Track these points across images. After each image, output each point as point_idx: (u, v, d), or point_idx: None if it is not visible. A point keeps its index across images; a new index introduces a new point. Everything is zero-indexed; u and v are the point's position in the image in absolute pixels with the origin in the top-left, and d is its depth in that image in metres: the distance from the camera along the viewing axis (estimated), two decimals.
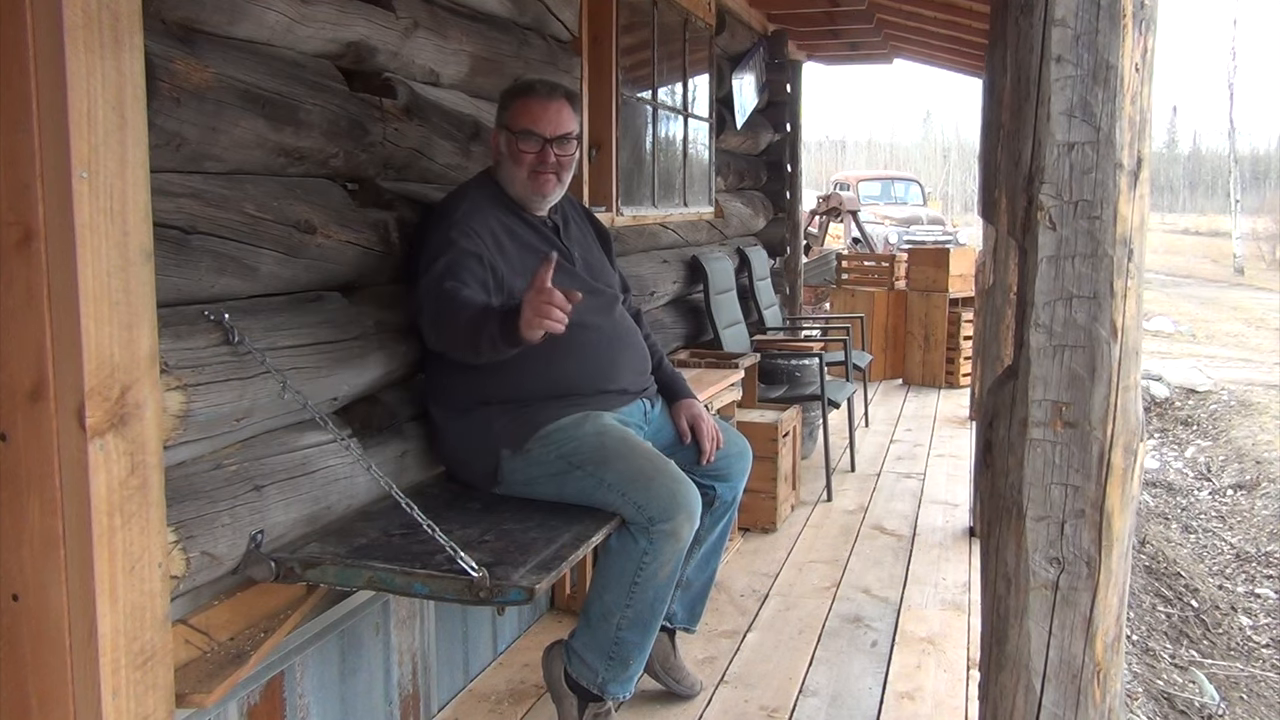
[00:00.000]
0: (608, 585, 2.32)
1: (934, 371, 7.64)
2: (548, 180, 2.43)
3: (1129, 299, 1.38)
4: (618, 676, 2.36)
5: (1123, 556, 1.43)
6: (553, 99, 2.43)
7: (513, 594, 1.85)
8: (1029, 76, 1.37)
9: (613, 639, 2.34)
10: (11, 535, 1.40)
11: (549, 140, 2.40)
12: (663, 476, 2.27)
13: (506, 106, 2.46)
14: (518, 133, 2.40)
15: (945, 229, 17.78)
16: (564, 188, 2.50)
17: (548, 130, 2.40)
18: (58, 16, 1.29)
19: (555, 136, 2.41)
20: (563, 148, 2.44)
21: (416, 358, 2.44)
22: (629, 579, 2.29)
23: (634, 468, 2.28)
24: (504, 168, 2.45)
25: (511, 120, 2.42)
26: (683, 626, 2.77)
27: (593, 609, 2.36)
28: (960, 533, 4.24)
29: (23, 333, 1.36)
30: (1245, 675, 4.94)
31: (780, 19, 6.50)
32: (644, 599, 2.30)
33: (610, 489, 2.27)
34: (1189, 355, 12.37)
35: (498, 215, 2.41)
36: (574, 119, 2.48)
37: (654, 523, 2.24)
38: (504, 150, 2.44)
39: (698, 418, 2.63)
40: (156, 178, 1.54)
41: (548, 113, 2.41)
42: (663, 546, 2.25)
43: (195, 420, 1.73)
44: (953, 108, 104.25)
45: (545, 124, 2.40)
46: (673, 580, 2.34)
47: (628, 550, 2.28)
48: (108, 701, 1.41)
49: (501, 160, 2.46)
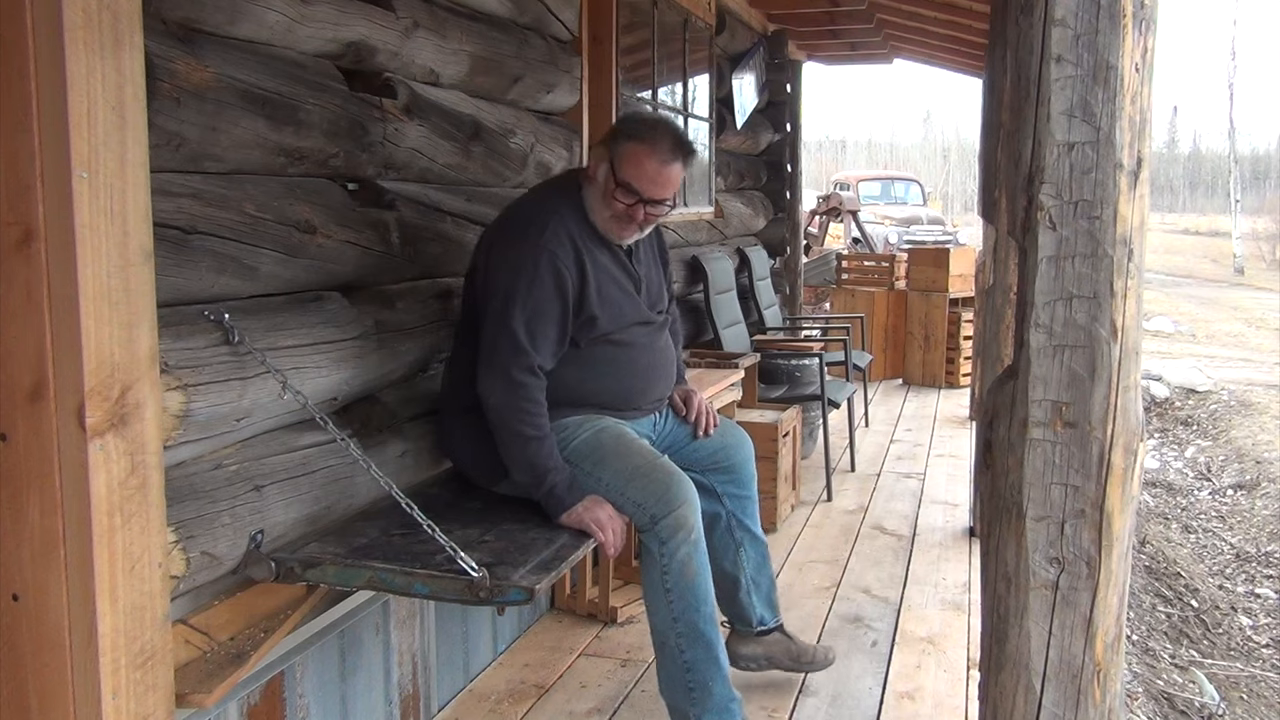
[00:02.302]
0: (652, 608, 2.34)
1: (934, 371, 7.63)
2: (630, 231, 2.39)
3: (1129, 299, 1.38)
4: (708, 705, 2.29)
5: (1123, 556, 1.43)
6: (670, 165, 2.32)
7: (513, 594, 1.85)
8: (1029, 76, 1.37)
9: (682, 666, 2.29)
10: (11, 535, 1.40)
11: (647, 201, 2.33)
12: (656, 471, 2.30)
13: (621, 143, 2.33)
14: (620, 181, 2.31)
15: (945, 229, 17.78)
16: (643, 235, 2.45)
17: (651, 193, 2.32)
18: (58, 16, 1.29)
19: (655, 200, 2.34)
20: (657, 208, 2.36)
21: (417, 357, 2.44)
22: (661, 590, 2.29)
23: (629, 465, 2.30)
24: (593, 196, 2.38)
25: (619, 163, 2.31)
26: (776, 623, 2.79)
27: (656, 646, 2.36)
28: (960, 533, 4.24)
29: (23, 333, 1.36)
30: (1245, 675, 4.94)
31: (780, 19, 6.50)
32: (685, 605, 2.27)
33: (609, 489, 2.28)
34: (1189, 355, 12.37)
35: (583, 238, 2.35)
36: (680, 178, 2.38)
37: (656, 520, 2.25)
38: (600, 181, 2.36)
39: (689, 393, 2.69)
40: (156, 178, 1.54)
41: (660, 177, 2.32)
42: (673, 540, 2.26)
43: (195, 420, 1.73)
44: (953, 108, 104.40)
45: (651, 187, 2.32)
46: (705, 579, 2.30)
47: (649, 563, 2.31)
48: (108, 701, 1.41)
49: (594, 187, 2.38)
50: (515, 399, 2.23)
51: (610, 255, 2.41)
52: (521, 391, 2.24)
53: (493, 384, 2.25)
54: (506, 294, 2.25)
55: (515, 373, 2.23)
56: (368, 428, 2.29)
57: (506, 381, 2.24)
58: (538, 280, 2.25)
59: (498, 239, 2.38)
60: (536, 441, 2.24)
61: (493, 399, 2.25)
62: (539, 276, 2.25)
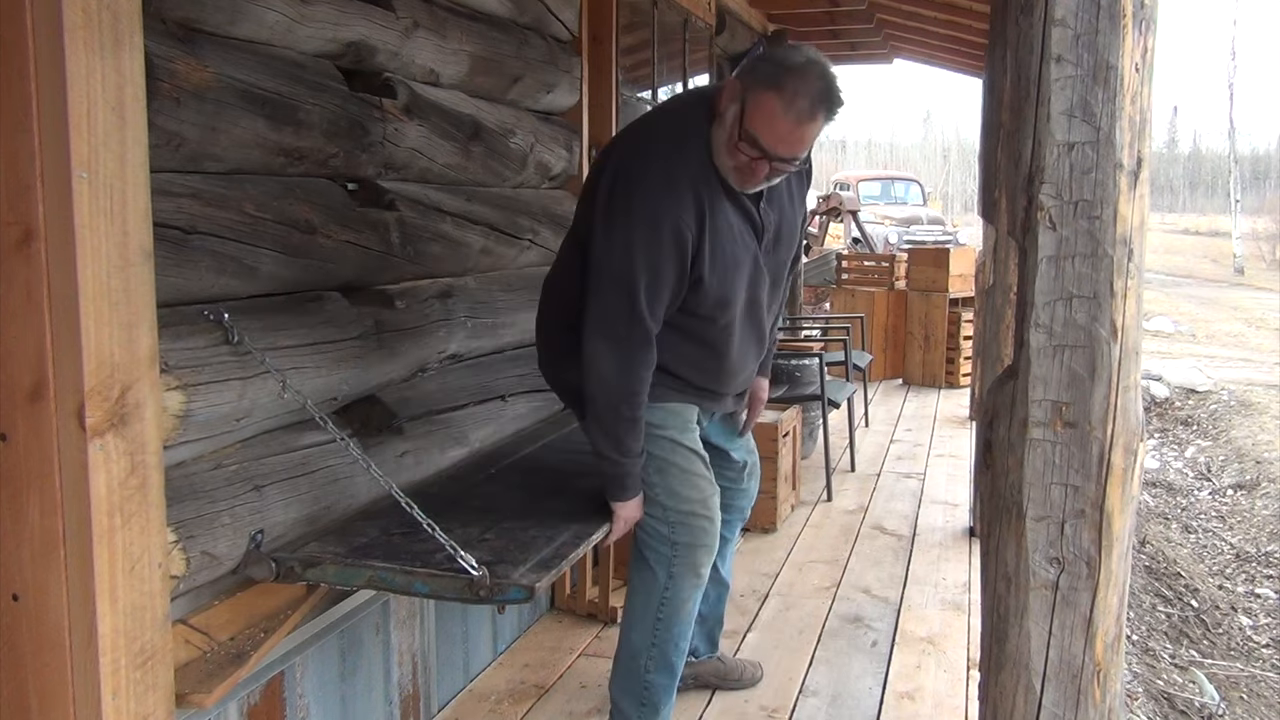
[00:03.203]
0: (634, 623, 2.36)
1: (934, 371, 7.63)
2: (752, 183, 2.08)
3: (1129, 299, 1.37)
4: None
5: (1123, 556, 1.43)
6: (806, 125, 1.98)
7: (513, 592, 1.85)
8: (1029, 76, 1.37)
9: (642, 682, 2.36)
10: (11, 535, 1.40)
11: (774, 159, 2.02)
12: (703, 510, 2.29)
13: (757, 88, 1.98)
14: (745, 132, 2.00)
15: (945, 229, 17.79)
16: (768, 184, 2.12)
17: (780, 151, 2.01)
18: (58, 16, 1.29)
19: (783, 157, 2.03)
20: (786, 164, 2.05)
21: (417, 357, 2.44)
22: (652, 612, 2.32)
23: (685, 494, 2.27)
24: (718, 137, 2.06)
25: (750, 109, 1.98)
26: (709, 656, 2.79)
27: (622, 650, 2.39)
28: (960, 533, 4.24)
29: (23, 333, 1.36)
30: (1245, 675, 4.94)
31: (780, 19, 6.50)
32: (667, 636, 2.32)
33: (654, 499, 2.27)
34: (1189, 355, 12.37)
35: (705, 184, 2.07)
36: (817, 135, 2.05)
37: (677, 554, 2.28)
38: (727, 124, 2.03)
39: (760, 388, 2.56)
40: (156, 178, 1.54)
41: (792, 137, 1.99)
42: (684, 579, 2.29)
43: (195, 420, 1.73)
44: (953, 108, 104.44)
45: (780, 145, 2.00)
46: (693, 616, 2.36)
47: (649, 586, 2.33)
48: (108, 702, 1.41)
49: (720, 127, 2.05)
50: (628, 379, 2.08)
51: (736, 206, 2.13)
52: (636, 372, 2.08)
53: (603, 350, 2.07)
54: (626, 247, 2.02)
55: (632, 348, 2.06)
56: (368, 428, 2.29)
57: (620, 356, 2.06)
58: (656, 242, 2.02)
59: (620, 173, 2.07)
60: (632, 424, 2.11)
61: (602, 367, 2.07)
62: (659, 238, 2.02)
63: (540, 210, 3.10)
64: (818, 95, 1.95)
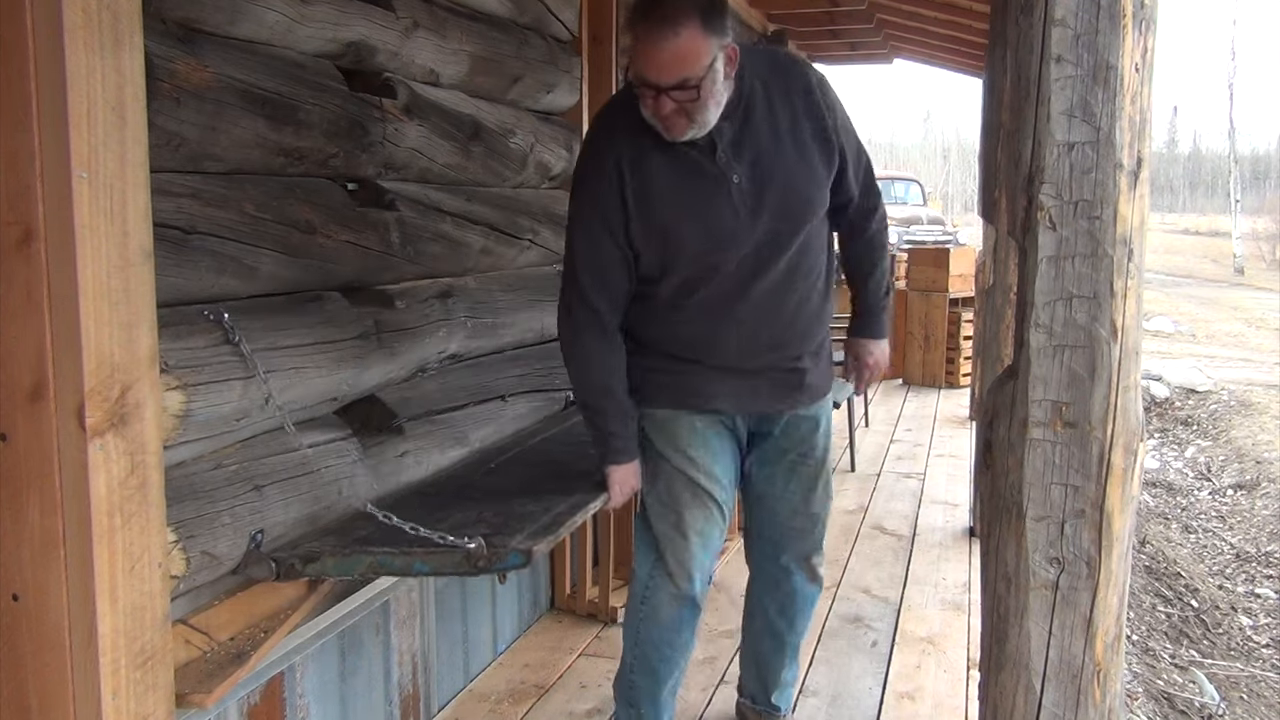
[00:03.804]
0: (626, 618, 2.38)
1: (934, 371, 7.64)
2: (675, 125, 1.97)
3: (1129, 299, 1.37)
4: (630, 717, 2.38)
5: (1123, 556, 1.43)
6: (660, 39, 1.86)
7: (511, 558, 1.85)
8: (1029, 76, 1.37)
9: (626, 680, 2.37)
10: (11, 535, 1.40)
11: (662, 89, 1.91)
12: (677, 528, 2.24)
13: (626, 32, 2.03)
14: (630, 75, 1.95)
15: (945, 229, 17.77)
16: (706, 121, 1.97)
17: (657, 78, 1.90)
18: (58, 16, 1.29)
19: (669, 86, 1.90)
20: (682, 94, 1.91)
21: (417, 357, 2.44)
22: (636, 613, 2.33)
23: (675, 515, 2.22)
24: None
25: (631, 56, 1.95)
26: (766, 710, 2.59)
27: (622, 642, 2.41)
28: (960, 533, 4.24)
29: (23, 333, 1.36)
30: (1245, 675, 4.94)
31: (780, 19, 6.49)
32: (648, 638, 2.31)
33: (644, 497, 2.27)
34: (1189, 355, 12.37)
35: (640, 144, 2.02)
36: (696, 55, 1.88)
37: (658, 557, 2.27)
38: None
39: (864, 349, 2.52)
40: (156, 178, 1.54)
41: (656, 58, 1.88)
42: (660, 589, 2.28)
43: (195, 420, 1.73)
44: (953, 108, 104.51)
45: (649, 68, 1.90)
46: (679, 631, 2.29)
47: (635, 582, 2.33)
48: (108, 702, 1.41)
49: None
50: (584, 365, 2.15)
51: (675, 159, 2.02)
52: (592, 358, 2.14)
53: (562, 332, 2.17)
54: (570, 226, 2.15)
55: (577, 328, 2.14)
56: (368, 427, 2.29)
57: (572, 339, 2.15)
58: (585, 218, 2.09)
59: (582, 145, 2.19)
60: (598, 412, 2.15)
61: (564, 350, 2.18)
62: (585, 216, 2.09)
63: (540, 210, 3.09)
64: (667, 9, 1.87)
